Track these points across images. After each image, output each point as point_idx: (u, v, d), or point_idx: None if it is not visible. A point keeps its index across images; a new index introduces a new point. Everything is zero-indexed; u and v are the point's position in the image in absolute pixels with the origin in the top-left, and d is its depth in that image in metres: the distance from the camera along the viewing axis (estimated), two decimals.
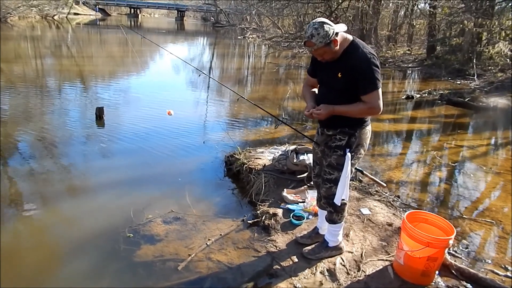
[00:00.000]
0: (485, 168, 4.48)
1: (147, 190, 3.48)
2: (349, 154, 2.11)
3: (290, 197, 3.09)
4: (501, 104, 8.09)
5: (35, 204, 3.21)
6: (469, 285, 2.21)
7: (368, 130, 2.16)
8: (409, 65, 14.35)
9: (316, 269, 2.29)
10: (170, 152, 4.49)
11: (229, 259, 2.45)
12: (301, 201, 3.06)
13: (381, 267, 2.34)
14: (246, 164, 3.74)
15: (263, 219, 2.86)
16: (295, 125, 5.72)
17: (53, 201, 3.27)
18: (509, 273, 2.45)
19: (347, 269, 2.30)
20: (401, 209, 3.17)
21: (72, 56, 13.36)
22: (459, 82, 10.88)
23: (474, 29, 11.49)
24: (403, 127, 6.51)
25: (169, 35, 27.18)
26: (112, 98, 7.02)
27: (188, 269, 2.36)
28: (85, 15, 43.64)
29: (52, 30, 24.24)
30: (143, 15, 59.24)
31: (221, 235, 2.72)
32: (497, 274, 2.44)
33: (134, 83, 8.91)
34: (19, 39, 17.01)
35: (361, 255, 2.44)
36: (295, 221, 2.77)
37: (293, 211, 2.90)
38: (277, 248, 2.51)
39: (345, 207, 2.29)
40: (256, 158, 3.91)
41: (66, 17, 36.05)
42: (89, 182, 3.67)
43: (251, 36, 25.36)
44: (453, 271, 2.31)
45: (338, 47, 1.96)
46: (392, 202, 3.28)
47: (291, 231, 2.69)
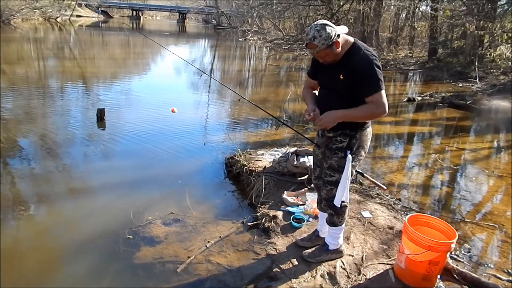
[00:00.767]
0: (487, 171, 4.46)
1: (147, 191, 3.47)
2: (350, 156, 2.09)
3: (290, 199, 3.07)
4: (503, 106, 8.06)
5: (36, 205, 3.21)
6: None
7: (369, 132, 2.15)
8: (411, 68, 14.35)
9: (316, 272, 2.27)
10: (170, 153, 4.48)
11: (228, 261, 2.43)
12: (301, 203, 3.04)
13: (382, 270, 2.32)
14: (246, 166, 3.73)
15: (263, 221, 2.84)
16: (296, 127, 5.71)
17: (54, 202, 3.27)
18: (511, 278, 2.43)
19: (347, 273, 2.28)
20: (402, 212, 3.14)
21: (74, 57, 13.41)
22: (461, 84, 10.86)
23: (476, 31, 11.47)
24: (405, 129, 6.48)
25: (171, 37, 27.28)
26: (113, 99, 7.03)
27: (187, 271, 2.34)
28: (87, 17, 43.87)
29: (54, 32, 24.35)
30: (145, 17, 59.48)
31: (220, 237, 2.70)
32: (500, 278, 2.42)
33: (135, 85, 8.93)
34: (22, 41, 17.09)
35: (362, 258, 2.42)
36: (295, 224, 2.75)
37: (293, 213, 2.88)
38: (277, 250, 2.49)
39: (346, 210, 2.27)
40: (256, 160, 3.89)
41: (68, 19, 36.22)
42: (89, 183, 3.66)
43: (252, 38, 25.41)
44: (455, 276, 2.28)
45: (340, 49, 1.96)
46: (393, 205, 3.26)
47: (291, 234, 2.67)
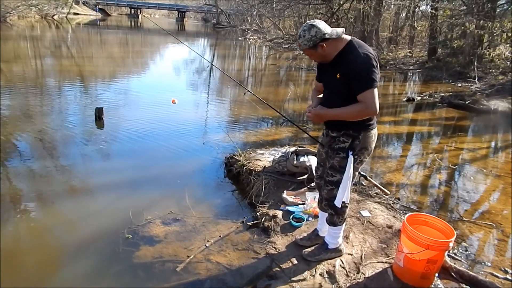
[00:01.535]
0: (485, 170, 4.48)
1: (147, 191, 3.48)
2: (351, 156, 2.10)
3: (290, 199, 3.08)
4: (502, 107, 8.09)
5: (35, 204, 3.21)
6: None
7: (373, 133, 2.12)
8: (410, 68, 14.36)
9: (315, 271, 2.28)
10: (169, 153, 4.48)
11: (228, 260, 2.44)
12: (301, 203, 3.05)
13: (381, 269, 2.34)
14: (246, 165, 3.74)
15: (262, 220, 2.85)
16: (296, 127, 5.71)
17: (53, 202, 3.27)
18: (508, 276, 2.45)
19: (346, 271, 2.30)
20: (401, 212, 3.16)
21: (71, 56, 13.37)
22: (460, 84, 10.88)
23: (475, 31, 11.49)
24: (404, 129, 6.50)
25: (169, 36, 27.19)
26: (111, 98, 7.02)
27: (187, 271, 2.35)
28: (85, 15, 43.72)
29: (51, 30, 24.27)
30: (144, 16, 59.32)
31: (220, 236, 2.71)
32: (497, 276, 2.44)
33: (133, 84, 8.92)
34: (18, 39, 17.02)
35: (361, 257, 2.43)
36: (295, 223, 2.76)
37: (293, 213, 2.89)
38: (277, 250, 2.50)
39: (346, 210, 2.28)
40: (256, 159, 3.90)
41: (65, 17, 36.10)
42: (88, 183, 3.66)
43: (252, 37, 25.39)
44: (453, 274, 2.30)
45: (326, 51, 1.98)
46: (392, 204, 3.27)
47: (291, 233, 2.68)
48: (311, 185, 3.29)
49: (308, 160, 3.45)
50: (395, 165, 4.52)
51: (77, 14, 41.83)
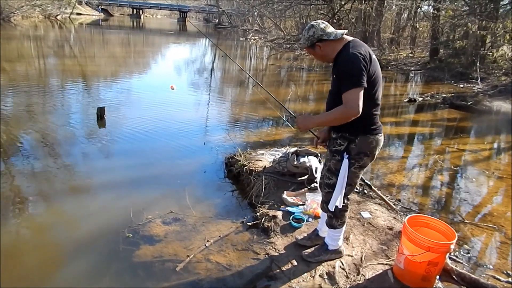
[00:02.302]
0: (487, 172, 4.45)
1: (147, 190, 3.48)
2: (346, 160, 2.06)
3: (290, 199, 3.07)
4: (505, 108, 8.05)
5: (36, 203, 3.22)
6: None
7: (374, 139, 2.05)
8: (412, 68, 14.33)
9: (315, 272, 2.27)
10: (170, 152, 4.48)
11: (228, 260, 2.44)
12: (301, 203, 3.04)
13: (381, 271, 2.32)
14: (246, 165, 3.73)
15: (262, 221, 2.84)
16: (296, 127, 5.69)
17: (54, 201, 3.28)
18: (510, 279, 2.43)
19: (346, 273, 2.29)
20: (402, 213, 3.14)
21: (74, 56, 13.41)
22: (462, 85, 10.84)
23: (478, 32, 11.45)
24: (405, 130, 6.48)
25: (171, 36, 27.26)
26: (113, 98, 7.03)
27: (186, 270, 2.34)
28: (87, 15, 43.85)
29: (54, 30, 24.34)
30: (146, 16, 59.44)
31: (220, 236, 2.70)
32: (499, 280, 2.42)
33: (135, 83, 8.93)
34: (22, 39, 17.09)
35: (361, 258, 2.42)
36: (294, 224, 2.75)
37: (293, 213, 2.88)
38: (277, 250, 2.49)
39: (345, 213, 2.26)
40: (256, 160, 3.89)
41: (68, 17, 36.20)
42: (89, 181, 3.67)
43: (253, 37, 25.38)
44: (454, 276, 2.28)
45: (323, 51, 2.01)
46: (393, 205, 3.25)
47: (291, 234, 2.67)
48: (311, 185, 3.28)
49: (308, 160, 3.44)
50: (396, 166, 4.51)
51: (80, 14, 41.96)
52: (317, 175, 3.32)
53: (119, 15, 56.25)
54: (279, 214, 2.90)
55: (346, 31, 2.06)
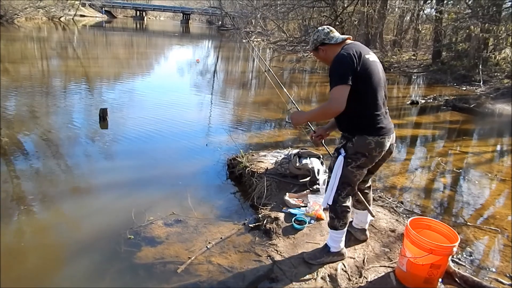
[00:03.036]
0: (490, 175, 4.43)
1: (149, 192, 3.48)
2: (341, 157, 2.10)
3: (292, 201, 3.07)
4: (507, 110, 8.02)
5: (37, 203, 3.22)
6: None
7: (372, 140, 2.05)
8: (414, 71, 14.30)
9: (317, 275, 2.26)
10: (172, 154, 4.49)
11: (229, 262, 2.43)
12: (303, 205, 3.03)
13: (383, 273, 2.31)
14: (248, 167, 3.73)
15: (264, 223, 2.84)
16: (298, 128, 5.70)
17: (55, 201, 3.28)
18: None
19: (348, 275, 2.28)
20: (405, 215, 3.13)
21: (77, 57, 13.47)
22: (464, 88, 10.82)
23: (480, 34, 11.43)
24: (408, 132, 6.46)
25: (174, 38, 27.36)
26: (116, 99, 7.06)
27: (188, 272, 2.34)
28: (91, 17, 44.09)
29: (58, 31, 24.48)
30: (149, 18, 59.68)
31: (222, 238, 2.70)
32: (501, 282, 2.40)
33: (138, 85, 8.96)
34: (25, 40, 17.19)
35: (363, 261, 2.41)
36: (296, 226, 2.74)
37: (295, 215, 2.87)
38: (278, 252, 2.48)
39: (347, 215, 2.25)
40: (258, 161, 3.89)
41: (72, 19, 36.41)
42: (91, 183, 3.67)
43: (256, 39, 25.42)
44: (457, 279, 2.27)
45: (326, 54, 2.14)
46: (395, 208, 3.24)
47: (293, 236, 2.66)
48: (314, 187, 3.28)
49: (310, 162, 3.44)
50: (398, 169, 4.49)
51: (84, 16, 42.20)
52: (319, 177, 3.31)
53: (122, 17, 56.54)
54: (281, 216, 2.90)
55: (350, 36, 2.16)
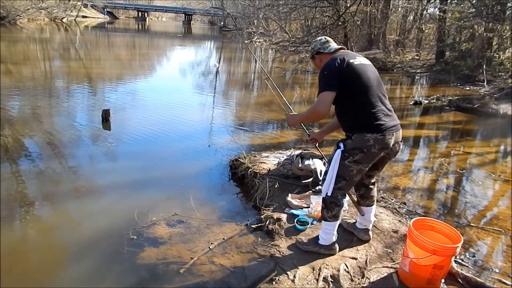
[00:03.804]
0: (493, 175, 4.41)
1: (151, 192, 3.49)
2: (339, 150, 2.17)
3: (294, 202, 3.07)
4: (511, 110, 7.98)
5: (40, 204, 3.24)
6: None
7: (371, 137, 2.09)
8: (418, 71, 14.26)
9: (319, 275, 2.26)
10: (175, 154, 4.50)
11: (232, 263, 2.44)
12: (305, 206, 3.03)
13: (386, 274, 2.31)
14: (250, 168, 3.73)
15: (267, 223, 2.84)
16: (300, 129, 5.70)
17: (58, 202, 3.30)
18: None
19: (351, 276, 2.28)
20: (407, 216, 3.12)
21: (79, 58, 13.53)
22: (468, 88, 10.77)
23: (484, 34, 11.38)
24: (411, 133, 6.44)
25: (176, 39, 27.43)
26: (118, 100, 7.08)
27: (190, 272, 2.35)
28: (93, 18, 44.25)
29: (60, 32, 24.58)
30: (151, 19, 59.85)
31: (224, 239, 2.71)
32: (505, 283, 2.39)
33: (140, 86, 8.98)
34: (28, 41, 17.28)
35: (366, 261, 2.41)
36: (299, 227, 2.75)
37: (298, 216, 2.87)
38: (281, 253, 2.49)
39: (336, 208, 2.28)
40: (261, 162, 3.90)
41: (74, 19, 36.55)
42: (94, 183, 3.69)
43: (258, 40, 25.45)
44: (460, 280, 2.26)
45: (322, 62, 2.29)
46: (398, 208, 3.24)
47: (295, 237, 2.66)
48: (316, 188, 3.27)
49: (313, 163, 3.44)
50: (401, 169, 4.48)
51: (86, 17, 42.37)
52: (322, 178, 3.31)
53: (124, 18, 56.71)
54: (284, 216, 2.90)
55: (343, 47, 2.34)
